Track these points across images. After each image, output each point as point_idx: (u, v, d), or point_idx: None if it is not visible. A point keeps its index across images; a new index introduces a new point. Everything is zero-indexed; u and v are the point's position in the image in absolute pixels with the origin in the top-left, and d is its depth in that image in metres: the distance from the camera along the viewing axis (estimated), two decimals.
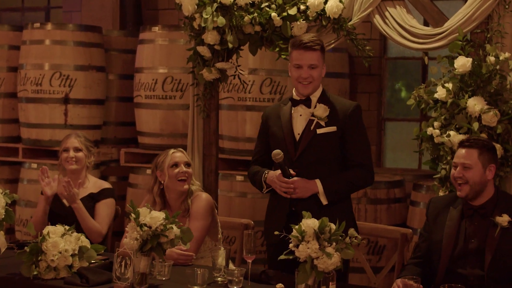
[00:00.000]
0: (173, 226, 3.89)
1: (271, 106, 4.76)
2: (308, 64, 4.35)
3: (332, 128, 4.38)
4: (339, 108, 4.42)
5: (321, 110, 4.38)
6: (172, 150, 4.75)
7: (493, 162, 4.15)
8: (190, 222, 4.59)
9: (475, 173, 4.09)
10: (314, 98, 4.43)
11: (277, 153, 4.24)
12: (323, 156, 4.38)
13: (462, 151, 4.15)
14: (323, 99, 4.44)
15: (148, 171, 6.95)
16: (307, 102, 4.43)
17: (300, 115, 4.44)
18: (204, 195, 4.70)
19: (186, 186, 4.63)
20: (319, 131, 4.37)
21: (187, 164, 4.71)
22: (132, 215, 3.90)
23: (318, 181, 4.32)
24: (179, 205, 4.67)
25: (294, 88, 4.50)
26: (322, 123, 4.37)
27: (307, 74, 4.36)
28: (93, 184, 5.25)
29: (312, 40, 4.37)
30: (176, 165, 4.68)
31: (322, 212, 4.21)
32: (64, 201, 5.13)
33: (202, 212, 4.62)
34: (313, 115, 4.39)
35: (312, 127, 4.38)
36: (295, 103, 4.46)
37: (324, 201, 4.32)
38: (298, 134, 4.41)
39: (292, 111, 4.46)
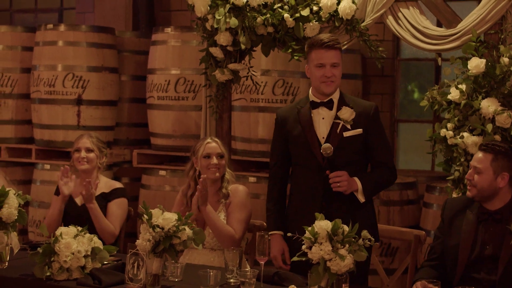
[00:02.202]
0: (186, 227, 3.89)
1: (284, 108, 4.72)
2: (331, 62, 4.34)
3: (359, 131, 4.37)
4: (360, 109, 4.42)
5: (348, 114, 4.36)
6: (207, 140, 4.90)
7: (507, 171, 4.09)
8: (234, 213, 4.75)
9: (484, 179, 4.05)
10: (335, 99, 4.41)
11: (328, 148, 4.24)
12: (351, 159, 4.38)
13: (479, 154, 4.13)
14: (342, 100, 4.43)
15: (161, 172, 6.98)
16: (328, 104, 4.41)
17: (323, 118, 4.41)
18: (241, 187, 4.88)
19: (217, 174, 4.77)
20: (345, 134, 4.37)
21: (220, 156, 4.84)
22: (145, 216, 3.90)
23: (357, 179, 4.33)
24: (214, 192, 4.82)
25: (311, 90, 4.47)
26: (348, 126, 4.36)
27: (330, 72, 4.34)
28: (105, 184, 5.26)
29: (332, 39, 4.37)
30: (208, 156, 4.82)
31: (349, 212, 4.24)
32: (77, 199, 5.15)
33: (245, 202, 4.82)
34: (338, 118, 4.38)
35: (338, 130, 4.36)
36: (314, 105, 4.43)
37: (362, 199, 4.33)
38: (323, 138, 4.38)
39: (312, 114, 4.43)
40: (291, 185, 4.59)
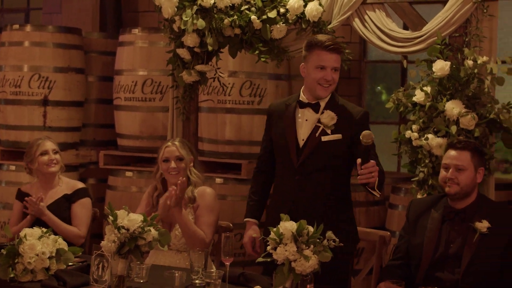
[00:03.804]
0: (151, 228, 3.88)
1: (276, 102, 4.63)
2: (332, 66, 4.25)
3: (337, 136, 4.27)
4: (347, 114, 4.32)
5: (328, 118, 4.27)
6: (167, 143, 4.86)
7: (483, 165, 4.17)
8: (203, 217, 4.70)
9: (468, 176, 4.10)
10: (323, 103, 4.33)
11: (368, 135, 3.86)
12: (329, 163, 4.29)
13: (453, 152, 4.15)
14: (332, 103, 4.33)
15: (128, 173, 6.95)
16: (315, 106, 4.32)
17: (306, 120, 4.34)
18: (209, 190, 4.82)
19: (183, 179, 4.57)
20: (324, 138, 4.27)
21: (179, 159, 4.79)
22: (110, 217, 3.89)
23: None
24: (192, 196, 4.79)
25: (302, 88, 4.39)
26: (328, 131, 4.27)
27: (330, 76, 4.25)
28: (66, 185, 5.24)
29: (337, 42, 4.30)
30: (167, 160, 4.79)
31: (327, 213, 4.24)
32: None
33: (213, 205, 4.76)
34: (319, 121, 4.29)
35: (317, 134, 4.28)
36: (302, 105, 4.36)
37: (377, 194, 4.06)
38: (303, 140, 4.32)
39: (298, 114, 4.37)
40: (274, 182, 4.56)
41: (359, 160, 3.88)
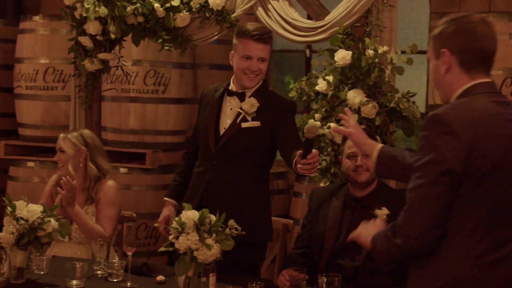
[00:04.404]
0: (51, 219, 3.82)
1: (208, 87, 4.53)
2: (259, 56, 4.18)
3: (256, 123, 4.22)
4: (272, 104, 4.27)
5: (248, 105, 4.22)
6: (60, 135, 4.79)
7: None
8: (103, 210, 4.61)
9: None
10: (249, 92, 4.27)
11: (311, 128, 3.63)
12: (245, 150, 4.25)
13: (349, 142, 4.18)
14: (260, 92, 4.28)
15: (30, 164, 6.82)
16: (241, 95, 4.27)
17: (231, 109, 4.29)
18: (110, 182, 4.72)
19: (67, 179, 4.42)
20: (243, 125, 4.23)
21: (61, 151, 4.73)
22: (8, 208, 3.81)
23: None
24: (81, 190, 4.67)
25: (233, 78, 4.33)
26: (249, 118, 4.22)
27: (256, 67, 4.19)
28: None
29: (265, 32, 4.21)
30: (56, 151, 4.75)
31: (240, 201, 4.23)
32: None
33: (114, 198, 4.67)
34: (241, 108, 4.25)
35: (238, 121, 4.24)
36: (230, 93, 4.31)
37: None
38: (224, 128, 4.28)
39: (227, 102, 4.31)
40: (194, 167, 4.49)
41: (299, 152, 3.79)
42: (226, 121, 4.30)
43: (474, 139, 2.68)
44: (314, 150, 3.72)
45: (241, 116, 4.25)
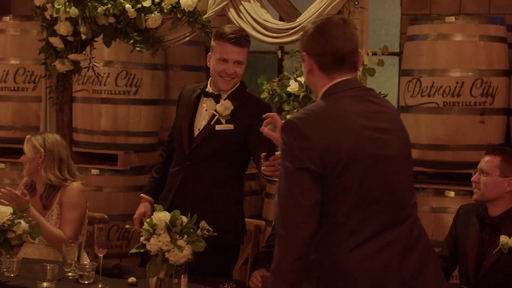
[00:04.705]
0: (21, 221, 3.79)
1: (187, 87, 4.51)
2: (235, 59, 4.17)
3: (229, 126, 4.21)
4: (247, 107, 4.25)
5: (222, 107, 4.21)
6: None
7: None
8: (65, 213, 4.56)
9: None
10: (225, 94, 4.26)
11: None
12: (218, 153, 4.24)
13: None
14: (236, 95, 4.26)
15: (1, 165, 6.78)
16: (217, 97, 4.26)
17: (206, 110, 4.28)
18: (74, 185, 4.65)
19: (25, 174, 4.54)
20: (217, 127, 4.21)
21: (23, 152, 4.71)
22: None
23: None
24: (46, 193, 4.64)
25: (210, 80, 4.32)
26: (223, 120, 4.21)
27: (232, 70, 4.18)
28: None
29: (242, 35, 4.20)
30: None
31: (213, 204, 4.21)
32: None
33: (76, 201, 4.60)
34: (216, 110, 4.24)
35: (212, 123, 4.23)
36: (206, 95, 4.29)
37: None
38: (199, 129, 4.26)
39: (203, 104, 4.30)
40: (170, 168, 4.48)
41: (263, 154, 3.71)
42: (201, 123, 4.29)
43: (325, 140, 2.75)
44: (277, 152, 3.65)
45: (215, 118, 4.24)
